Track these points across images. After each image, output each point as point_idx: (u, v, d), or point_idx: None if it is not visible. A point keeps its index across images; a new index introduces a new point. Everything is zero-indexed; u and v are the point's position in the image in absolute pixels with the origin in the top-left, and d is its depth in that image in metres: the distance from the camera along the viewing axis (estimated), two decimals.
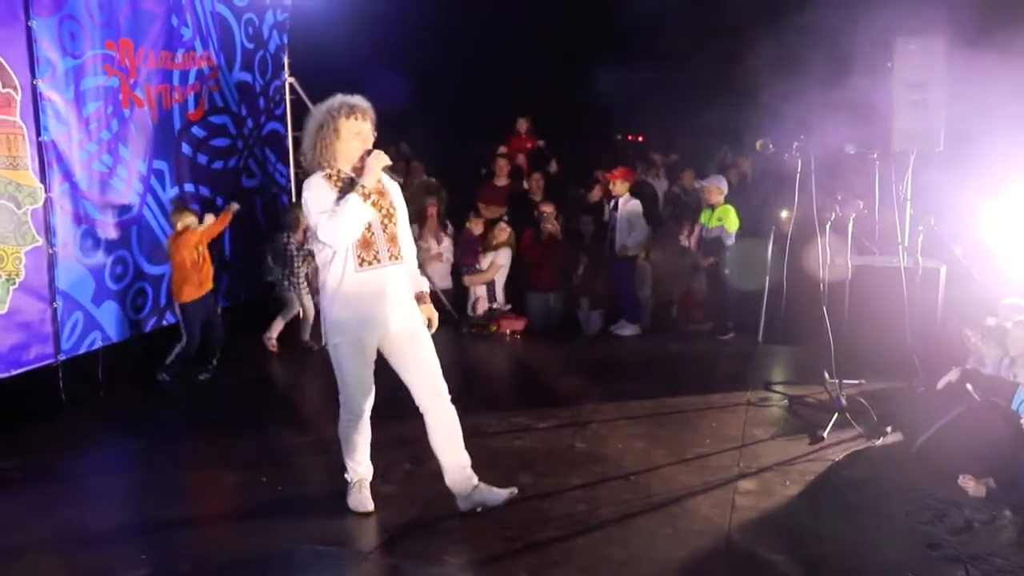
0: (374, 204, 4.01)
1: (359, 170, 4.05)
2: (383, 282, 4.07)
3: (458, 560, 3.96)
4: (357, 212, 3.93)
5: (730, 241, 8.39)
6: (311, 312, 7.89)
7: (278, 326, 7.90)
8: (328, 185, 4.01)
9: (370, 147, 4.06)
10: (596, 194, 9.35)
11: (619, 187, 8.64)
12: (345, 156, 4.05)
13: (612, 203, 8.70)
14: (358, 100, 4.06)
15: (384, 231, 4.08)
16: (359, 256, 4.02)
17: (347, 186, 4.01)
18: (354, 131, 4.03)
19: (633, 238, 8.54)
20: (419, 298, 4.28)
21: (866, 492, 4.64)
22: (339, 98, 4.06)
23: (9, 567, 3.99)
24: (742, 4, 10.66)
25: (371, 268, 4.04)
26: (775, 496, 4.60)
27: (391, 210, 4.13)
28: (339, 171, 4.06)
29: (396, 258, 4.11)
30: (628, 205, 8.61)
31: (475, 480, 4.32)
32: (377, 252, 4.05)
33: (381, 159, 4.02)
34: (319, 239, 3.98)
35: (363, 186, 3.95)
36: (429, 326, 4.27)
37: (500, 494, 4.31)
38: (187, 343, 6.82)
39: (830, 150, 6.16)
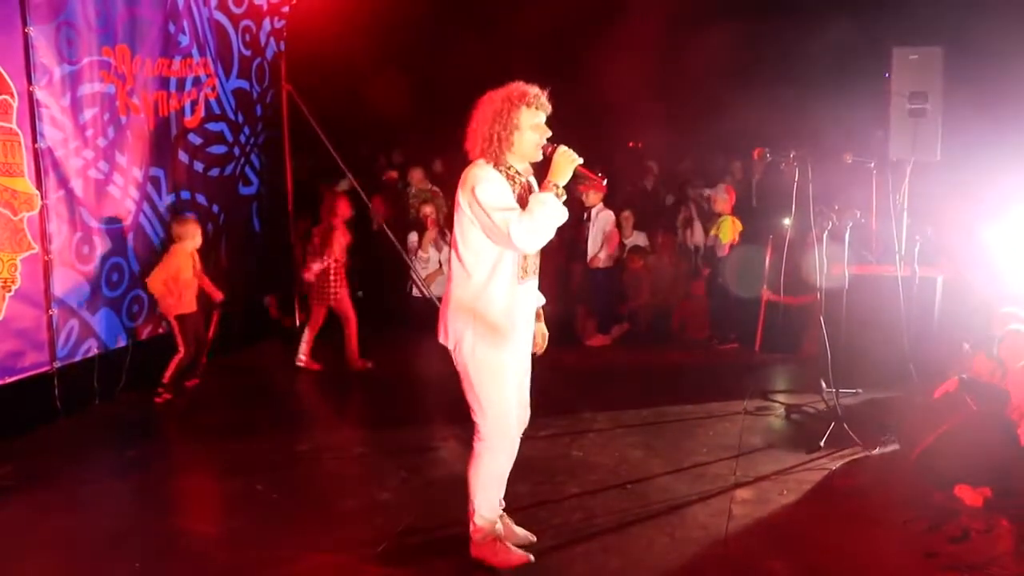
0: None
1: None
2: (528, 296, 3.85)
3: (454, 569, 3.93)
4: (557, 213, 3.59)
5: (721, 252, 8.36)
6: (354, 322, 7.38)
7: (308, 341, 7.27)
8: (503, 179, 3.66)
9: (545, 141, 3.71)
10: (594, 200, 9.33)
11: (592, 197, 8.48)
12: (519, 150, 3.68)
13: (585, 214, 8.58)
14: (536, 88, 3.69)
15: None
16: (522, 267, 3.74)
17: (523, 187, 3.73)
18: (533, 122, 3.67)
19: (604, 249, 8.48)
20: (536, 315, 4.00)
21: (863, 501, 4.64)
22: (517, 85, 3.70)
23: (3, 575, 3.96)
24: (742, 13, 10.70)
25: (525, 280, 3.77)
26: (772, 505, 4.59)
27: None
28: (510, 167, 3.72)
29: (535, 272, 3.87)
30: (600, 215, 8.53)
31: (501, 511, 4.04)
32: (528, 264, 3.78)
33: (573, 157, 3.66)
34: (512, 240, 3.54)
35: (557, 185, 3.62)
36: (535, 345, 4.00)
37: (515, 541, 4.04)
38: (185, 356, 6.58)
39: (827, 159, 6.16)
